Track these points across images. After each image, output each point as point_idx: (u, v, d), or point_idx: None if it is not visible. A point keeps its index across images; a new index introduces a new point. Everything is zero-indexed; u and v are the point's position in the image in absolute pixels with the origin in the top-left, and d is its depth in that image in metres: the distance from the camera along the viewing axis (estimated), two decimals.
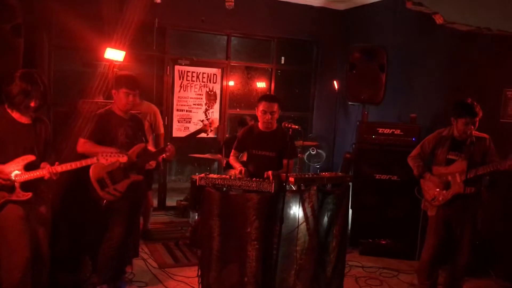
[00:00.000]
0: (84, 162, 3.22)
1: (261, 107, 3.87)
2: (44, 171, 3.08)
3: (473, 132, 3.77)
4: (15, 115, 3.07)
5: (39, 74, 3.08)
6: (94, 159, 3.22)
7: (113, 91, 3.68)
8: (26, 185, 3.05)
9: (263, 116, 3.88)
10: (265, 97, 3.96)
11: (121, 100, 3.64)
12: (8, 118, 3.06)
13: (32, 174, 3.06)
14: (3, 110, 3.06)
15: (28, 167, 3.06)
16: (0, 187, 2.98)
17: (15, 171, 3.02)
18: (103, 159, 3.20)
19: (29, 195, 3.04)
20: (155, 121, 5.06)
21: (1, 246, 2.97)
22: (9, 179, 2.99)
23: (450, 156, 3.85)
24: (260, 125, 3.97)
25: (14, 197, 3.01)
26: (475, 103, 3.73)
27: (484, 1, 2.95)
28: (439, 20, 3.09)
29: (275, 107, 3.86)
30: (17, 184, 3.01)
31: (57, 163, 3.12)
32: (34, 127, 3.16)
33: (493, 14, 3.04)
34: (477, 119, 3.71)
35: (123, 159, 3.29)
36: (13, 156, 3.04)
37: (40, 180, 3.11)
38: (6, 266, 2.95)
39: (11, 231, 2.97)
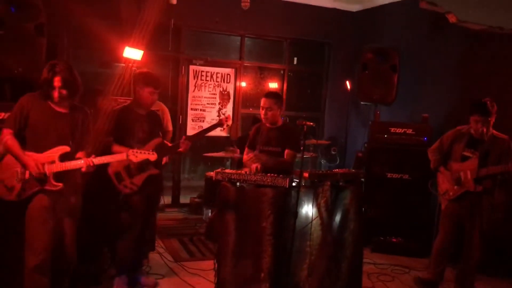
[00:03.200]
0: (115, 157, 3.31)
1: (261, 103, 4.04)
2: (82, 163, 3.10)
3: (493, 132, 3.83)
4: (52, 104, 3.11)
5: (64, 64, 3.07)
6: (124, 155, 3.25)
7: (137, 88, 3.76)
8: (59, 176, 3.10)
9: (261, 112, 4.05)
10: (265, 93, 4.12)
11: (146, 98, 3.74)
12: (45, 107, 3.10)
13: (67, 165, 3.09)
14: (41, 99, 3.10)
15: (63, 158, 3.10)
16: (34, 177, 3.05)
17: (50, 161, 3.07)
18: (133, 156, 3.23)
19: (60, 185, 3.09)
20: (162, 118, 5.10)
21: (26, 232, 3.09)
22: (43, 172, 3.04)
23: (465, 153, 3.92)
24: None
25: (46, 187, 3.08)
26: (490, 103, 3.78)
27: (496, 0, 3.01)
28: (452, 19, 3.16)
29: (270, 103, 3.98)
30: (50, 174, 3.07)
31: (93, 155, 3.15)
32: (71, 116, 3.19)
33: (506, 13, 3.09)
34: (489, 118, 3.76)
35: (153, 157, 3.30)
36: (48, 145, 3.09)
37: (75, 170, 3.15)
38: (27, 252, 3.08)
39: (34, 220, 3.07)
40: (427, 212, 5.08)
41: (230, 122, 4.25)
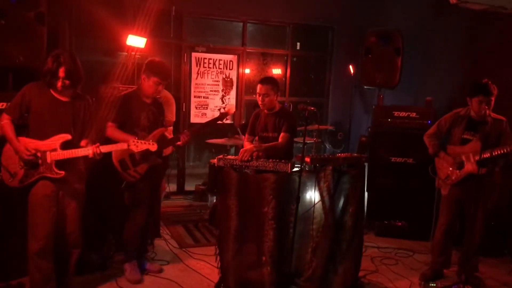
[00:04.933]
0: (118, 146, 3.35)
1: (257, 89, 4.03)
2: (87, 150, 3.15)
3: (491, 113, 3.80)
4: (55, 92, 3.17)
5: (68, 55, 3.12)
6: (125, 145, 3.30)
7: (143, 76, 3.72)
8: (61, 163, 3.15)
9: (257, 98, 4.04)
10: (260, 79, 4.11)
11: (150, 87, 3.71)
12: (47, 95, 3.16)
13: (71, 153, 3.14)
14: (44, 88, 3.16)
15: (65, 146, 3.16)
16: (31, 163, 3.11)
17: (51, 149, 3.13)
18: (134, 146, 3.28)
19: (62, 173, 3.15)
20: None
21: (29, 218, 3.17)
22: (38, 156, 3.09)
23: (465, 136, 3.89)
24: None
25: (48, 174, 3.14)
26: (490, 83, 3.76)
27: None
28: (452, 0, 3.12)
29: (266, 89, 3.97)
30: (52, 162, 3.13)
31: (97, 144, 3.19)
32: (73, 104, 3.24)
33: None
34: (492, 98, 3.74)
35: (153, 147, 3.33)
36: (50, 133, 3.15)
37: (78, 158, 3.21)
38: (30, 237, 3.18)
39: (37, 206, 3.15)
40: (431, 196, 5.06)
41: (232, 111, 4.21)
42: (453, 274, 4.16)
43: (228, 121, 6.99)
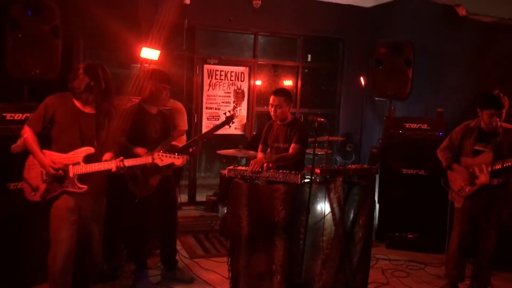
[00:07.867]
0: (141, 160, 3.23)
1: (270, 100, 4.07)
2: (111, 164, 3.06)
3: (502, 123, 3.78)
4: (79, 104, 3.10)
5: (102, 69, 3.06)
6: (150, 159, 3.20)
7: (150, 85, 3.71)
8: (83, 177, 3.07)
9: (270, 109, 4.09)
10: (273, 91, 4.15)
11: (160, 94, 3.73)
12: (71, 107, 3.08)
13: (94, 167, 3.05)
14: (68, 98, 3.09)
15: (87, 159, 3.07)
16: (54, 177, 3.03)
17: (74, 162, 3.05)
18: (158, 160, 3.19)
19: (85, 188, 3.05)
20: (175, 117, 4.92)
21: (51, 234, 3.07)
22: (60, 168, 3.01)
23: (476, 147, 3.87)
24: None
25: (70, 189, 3.05)
26: (502, 95, 3.74)
27: None
28: (461, 12, 3.13)
29: (279, 100, 4.01)
30: (74, 176, 3.04)
31: (122, 157, 3.09)
32: (97, 116, 3.15)
33: None
34: (503, 111, 3.72)
35: (178, 161, 3.24)
36: (73, 146, 3.07)
37: (98, 172, 3.09)
38: (51, 255, 3.06)
39: (58, 222, 3.04)
40: (443, 208, 5.01)
41: (236, 118, 4.21)
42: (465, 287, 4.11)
43: (239, 132, 7.03)
